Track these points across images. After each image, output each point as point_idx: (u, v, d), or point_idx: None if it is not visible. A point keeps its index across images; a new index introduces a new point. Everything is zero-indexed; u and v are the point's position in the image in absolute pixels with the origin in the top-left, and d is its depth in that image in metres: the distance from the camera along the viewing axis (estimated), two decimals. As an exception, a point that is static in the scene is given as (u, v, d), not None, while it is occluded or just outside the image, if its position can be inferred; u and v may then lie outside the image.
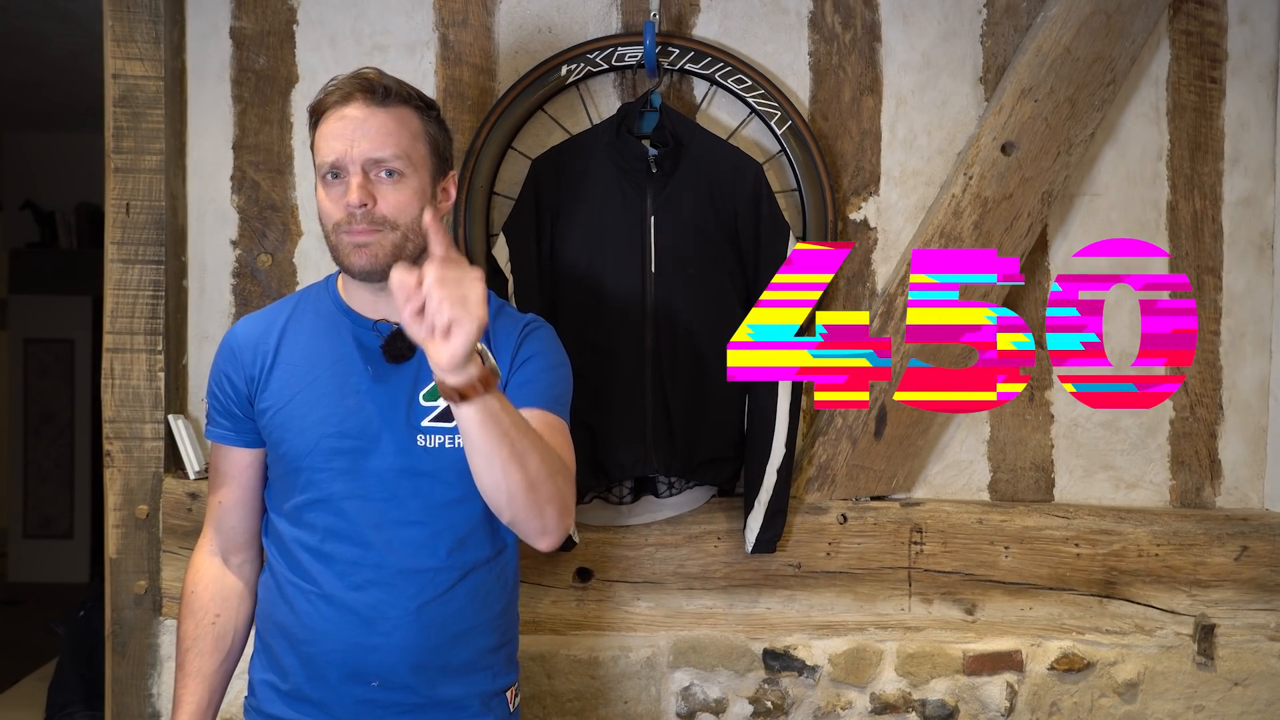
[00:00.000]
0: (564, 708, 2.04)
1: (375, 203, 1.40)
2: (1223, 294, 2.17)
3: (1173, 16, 2.14)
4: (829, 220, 2.03)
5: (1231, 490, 2.18)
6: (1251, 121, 2.17)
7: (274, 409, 1.48)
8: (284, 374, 1.49)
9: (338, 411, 1.46)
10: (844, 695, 2.07)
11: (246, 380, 1.50)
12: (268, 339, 1.51)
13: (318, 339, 1.50)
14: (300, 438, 1.46)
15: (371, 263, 1.41)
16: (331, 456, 1.45)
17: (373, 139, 1.40)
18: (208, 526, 1.59)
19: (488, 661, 1.52)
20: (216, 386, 1.54)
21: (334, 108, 1.43)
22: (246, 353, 1.51)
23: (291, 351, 1.50)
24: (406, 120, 1.44)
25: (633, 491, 2.03)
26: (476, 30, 2.08)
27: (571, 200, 1.96)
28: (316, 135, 1.45)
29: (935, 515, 2.08)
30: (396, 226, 1.42)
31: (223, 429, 1.54)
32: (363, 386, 1.47)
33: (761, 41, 2.09)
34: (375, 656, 1.44)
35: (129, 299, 2.02)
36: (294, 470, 1.47)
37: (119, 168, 2.01)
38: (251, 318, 1.57)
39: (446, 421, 1.46)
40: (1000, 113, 2.04)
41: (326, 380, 1.47)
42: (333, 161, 1.41)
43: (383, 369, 1.47)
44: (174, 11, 2.04)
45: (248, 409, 1.51)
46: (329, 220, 1.43)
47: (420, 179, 1.44)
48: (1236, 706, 2.10)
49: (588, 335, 1.94)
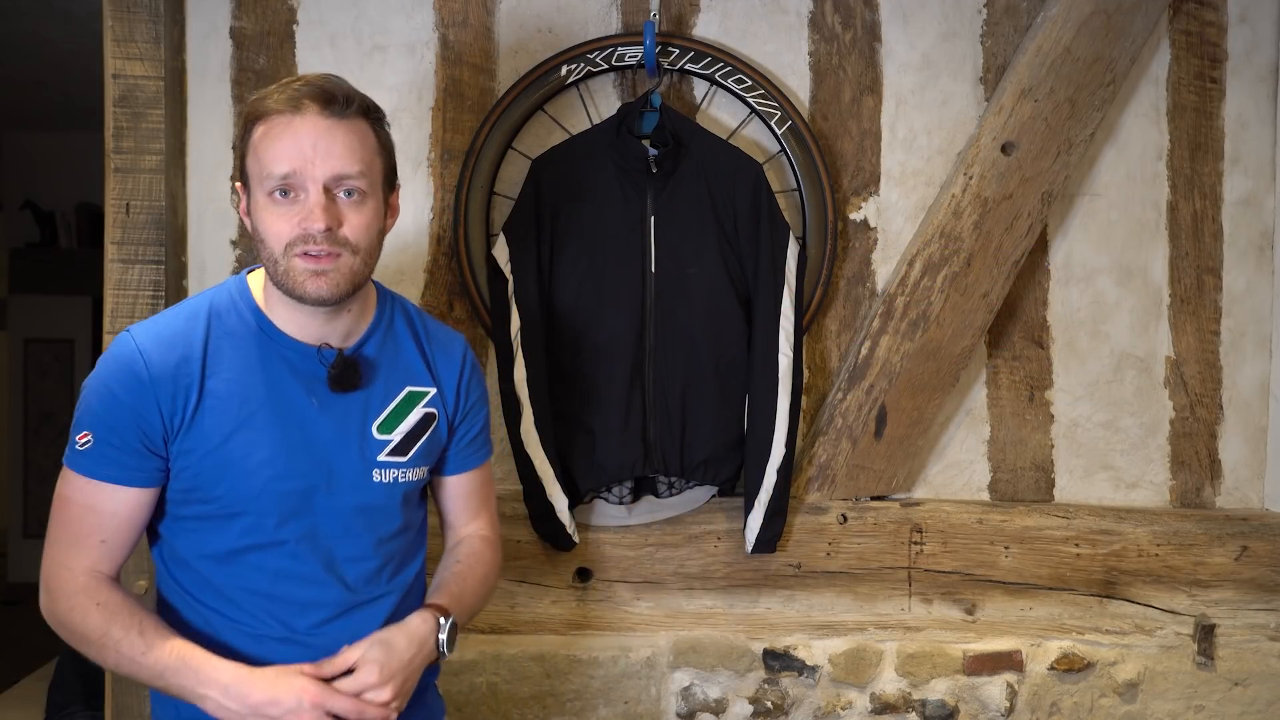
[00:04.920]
0: (564, 708, 2.04)
1: (339, 225, 1.29)
2: (1223, 294, 2.17)
3: (1173, 16, 2.14)
4: (829, 220, 2.03)
5: (1231, 490, 2.18)
6: (1251, 121, 2.17)
7: (203, 450, 1.31)
8: (215, 409, 1.32)
9: (283, 450, 1.33)
10: (844, 695, 2.07)
11: (166, 416, 1.30)
12: (187, 369, 1.32)
13: (247, 367, 1.34)
14: (243, 481, 1.32)
15: (332, 291, 1.30)
16: (280, 499, 1.33)
17: (336, 157, 1.28)
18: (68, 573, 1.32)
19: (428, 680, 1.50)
20: (115, 420, 1.30)
21: (280, 115, 1.28)
22: (164, 386, 1.30)
23: (218, 383, 1.33)
24: (365, 135, 1.32)
25: (633, 491, 2.03)
26: (476, 30, 2.07)
27: (572, 200, 1.96)
28: (259, 146, 1.29)
29: (935, 515, 2.08)
30: (357, 250, 1.31)
31: (122, 469, 1.31)
32: (307, 420, 1.35)
33: (761, 41, 2.09)
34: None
35: (129, 299, 2.02)
36: (231, 515, 1.33)
37: (119, 168, 2.01)
38: (154, 336, 1.34)
39: (401, 455, 1.42)
40: (1000, 113, 2.04)
41: (265, 415, 1.33)
42: (285, 177, 1.27)
43: (328, 400, 1.36)
44: (174, 11, 2.04)
45: (159, 447, 1.31)
46: (278, 241, 1.28)
47: (378, 198, 1.34)
48: (1236, 706, 2.10)
49: (588, 335, 1.94)
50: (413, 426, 1.44)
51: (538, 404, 1.92)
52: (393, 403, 1.42)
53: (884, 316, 2.06)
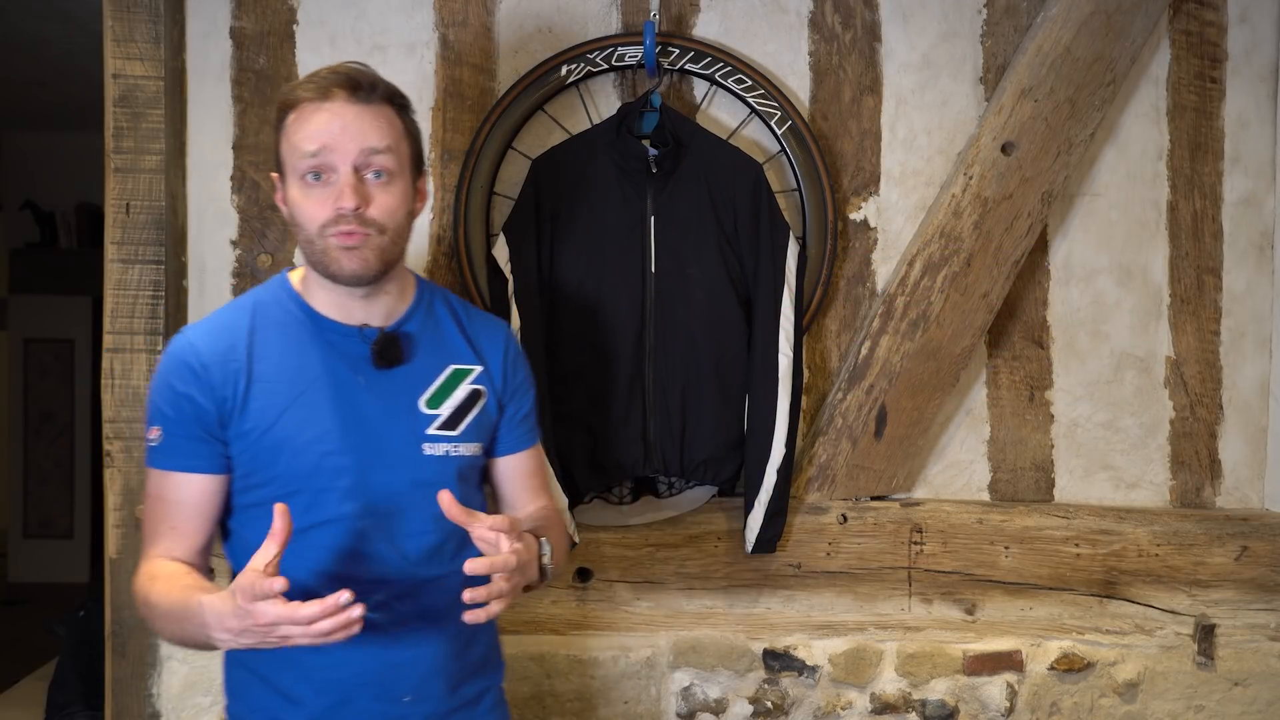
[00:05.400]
0: (564, 708, 2.04)
1: (368, 205, 1.35)
2: (1223, 294, 2.17)
3: (1173, 16, 2.14)
4: (829, 220, 2.03)
5: (1231, 490, 2.18)
6: (1251, 121, 2.17)
7: (258, 431, 1.37)
8: (264, 392, 1.38)
9: (334, 426, 1.38)
10: (844, 695, 2.07)
11: (217, 402, 1.37)
12: (235, 355, 1.39)
13: (293, 350, 1.41)
14: (297, 459, 1.37)
15: (363, 266, 1.36)
16: (336, 475, 1.38)
17: (363, 138, 1.34)
18: (145, 562, 1.40)
19: (491, 655, 1.54)
20: (173, 410, 1.38)
21: (310, 102, 1.35)
22: (214, 372, 1.37)
23: (266, 367, 1.39)
24: (391, 119, 1.38)
25: (633, 491, 2.03)
26: (476, 30, 2.08)
27: (571, 200, 1.96)
28: (290, 131, 1.36)
29: (935, 515, 2.08)
30: (385, 230, 1.37)
31: (187, 456, 1.38)
32: (355, 397, 1.40)
33: (761, 41, 2.09)
34: (406, 671, 1.41)
35: (129, 299, 2.02)
36: (290, 494, 1.36)
37: (119, 168, 2.01)
38: (203, 330, 1.42)
39: (451, 429, 1.45)
40: (1000, 113, 2.04)
41: (314, 394, 1.39)
42: (319, 160, 1.34)
43: (374, 377, 1.41)
44: (174, 11, 2.04)
45: (219, 432, 1.38)
46: (313, 223, 1.35)
47: (405, 180, 1.40)
48: (1236, 706, 2.10)
49: (588, 336, 1.94)
50: (461, 402, 1.47)
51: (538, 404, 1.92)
52: (439, 379, 1.46)
53: (884, 316, 2.06)
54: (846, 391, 2.06)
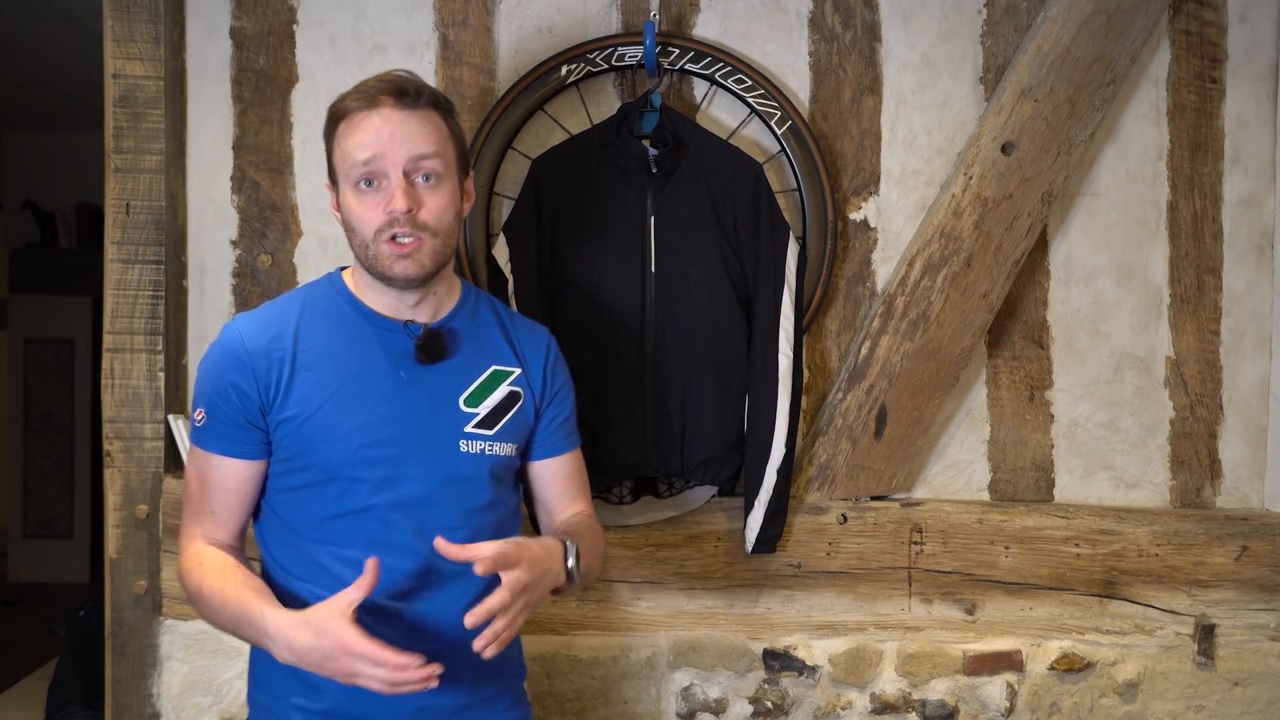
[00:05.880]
0: (564, 708, 2.04)
1: (419, 208, 1.39)
2: (1223, 294, 2.17)
3: (1173, 16, 2.14)
4: (829, 220, 2.03)
5: (1231, 490, 2.18)
6: (1251, 121, 2.17)
7: (299, 419, 1.41)
8: (307, 381, 1.42)
9: (374, 418, 1.42)
10: (844, 695, 2.07)
11: (261, 389, 1.41)
12: (281, 344, 1.43)
13: (339, 342, 1.45)
14: (335, 448, 1.40)
15: (418, 270, 1.41)
16: (371, 466, 1.41)
17: (411, 144, 1.38)
18: (189, 542, 1.46)
19: (511, 654, 1.55)
20: (219, 396, 1.43)
21: (359, 111, 1.40)
22: (260, 360, 1.42)
23: (311, 356, 1.43)
24: (437, 124, 1.42)
25: (633, 491, 2.03)
26: (476, 30, 2.08)
27: (571, 200, 1.96)
28: (342, 140, 1.41)
29: (935, 515, 2.08)
30: (436, 233, 1.41)
31: (227, 441, 1.43)
32: (396, 391, 1.43)
33: (761, 41, 2.09)
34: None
35: (129, 299, 2.02)
36: (326, 481, 1.41)
37: (119, 168, 2.01)
38: (253, 320, 1.47)
39: (488, 429, 1.48)
40: (1000, 113, 2.04)
41: (355, 386, 1.43)
42: (370, 167, 1.38)
43: (415, 372, 1.45)
44: (174, 11, 2.04)
45: (259, 419, 1.42)
46: (368, 228, 1.40)
47: (453, 183, 1.44)
48: (1236, 706, 2.10)
49: (588, 336, 1.94)
50: (499, 402, 1.50)
51: (538, 404, 1.92)
52: (479, 379, 1.50)
53: (884, 316, 2.06)
54: (846, 391, 2.06)
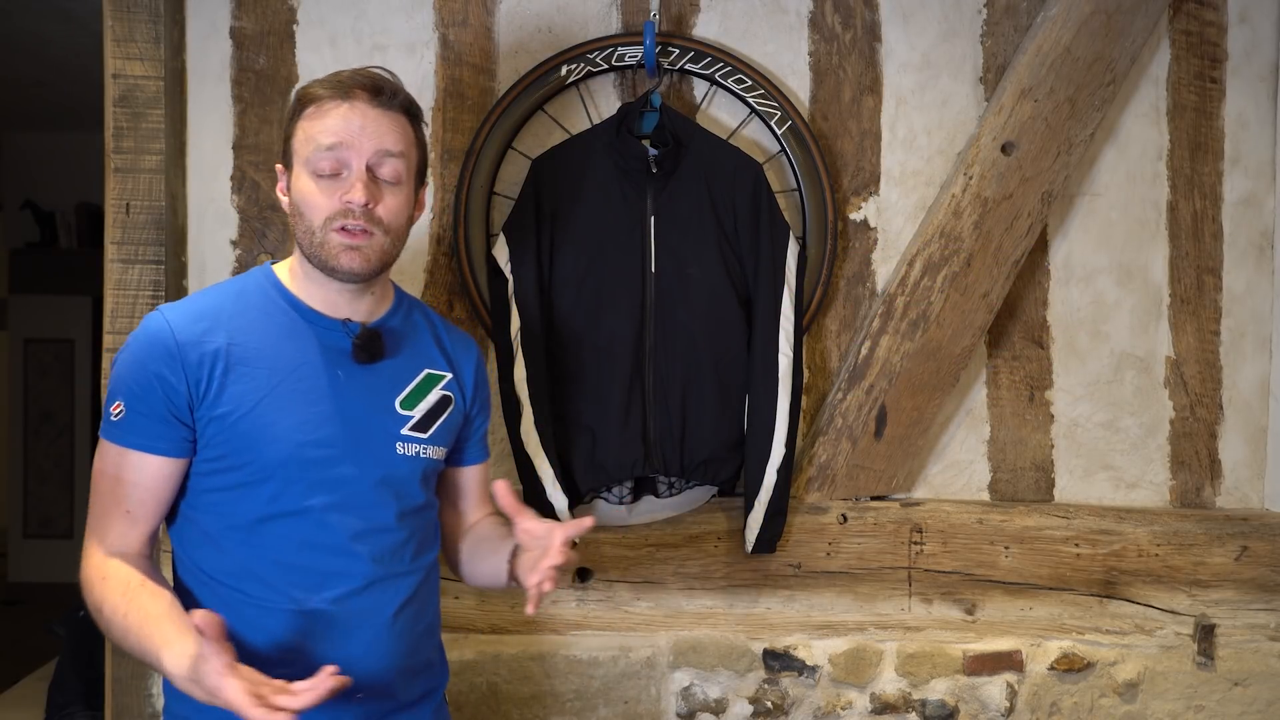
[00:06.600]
0: (564, 708, 2.04)
1: (376, 203, 1.38)
2: (1223, 294, 2.17)
3: (1173, 16, 2.14)
4: (829, 220, 2.03)
5: (1231, 490, 2.19)
6: (1251, 121, 2.17)
7: (234, 416, 1.36)
8: (242, 377, 1.37)
9: (311, 417, 1.38)
10: (844, 695, 2.07)
11: (191, 383, 1.36)
12: (213, 337, 1.38)
13: (274, 338, 1.41)
14: (271, 447, 1.36)
15: (364, 266, 1.39)
16: (308, 466, 1.37)
17: (380, 139, 1.38)
18: (98, 545, 1.38)
19: (437, 658, 1.55)
20: (141, 388, 1.36)
21: (331, 100, 1.38)
22: (190, 352, 1.36)
23: (246, 352, 1.38)
24: (405, 127, 1.43)
25: (633, 491, 2.03)
26: (476, 30, 2.08)
27: (571, 200, 1.96)
28: (307, 123, 1.39)
29: (935, 515, 2.08)
30: (389, 231, 1.40)
31: (148, 436, 1.36)
32: (332, 390, 1.41)
33: (761, 41, 2.09)
34: (360, 667, 1.36)
35: (129, 299, 2.02)
36: (259, 481, 1.37)
37: (119, 168, 2.01)
38: (182, 310, 1.41)
39: (422, 432, 1.48)
40: (1000, 113, 2.04)
41: (293, 383, 1.39)
42: (334, 155, 1.37)
43: (353, 371, 1.43)
44: (174, 11, 2.04)
45: (186, 415, 1.36)
46: (318, 214, 1.37)
47: (410, 188, 1.44)
48: (1236, 706, 2.10)
49: (588, 335, 1.94)
50: (432, 405, 1.50)
51: (538, 404, 1.92)
52: (413, 381, 1.50)
53: (884, 316, 2.06)
54: (846, 391, 2.06)
